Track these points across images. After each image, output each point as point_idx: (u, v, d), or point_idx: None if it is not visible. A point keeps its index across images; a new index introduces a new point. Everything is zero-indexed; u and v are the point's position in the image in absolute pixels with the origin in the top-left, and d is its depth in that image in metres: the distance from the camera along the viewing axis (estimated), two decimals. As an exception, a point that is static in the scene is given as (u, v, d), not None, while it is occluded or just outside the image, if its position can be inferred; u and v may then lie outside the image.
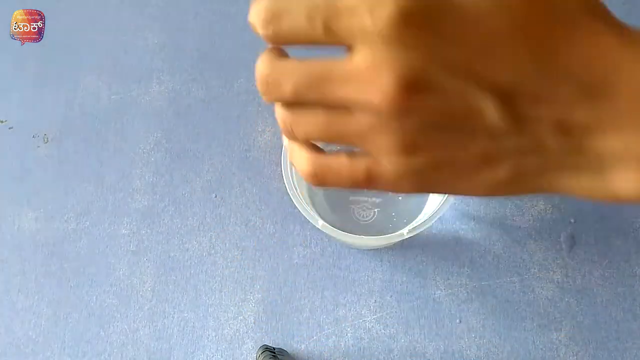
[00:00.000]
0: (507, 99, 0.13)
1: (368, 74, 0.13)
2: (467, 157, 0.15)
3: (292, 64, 0.15)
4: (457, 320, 0.63)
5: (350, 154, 0.16)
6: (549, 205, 0.67)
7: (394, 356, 0.63)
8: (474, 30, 0.13)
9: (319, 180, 0.16)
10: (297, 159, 0.17)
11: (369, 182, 0.16)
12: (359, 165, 0.16)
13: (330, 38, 0.14)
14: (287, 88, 0.15)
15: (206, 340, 0.65)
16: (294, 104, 0.15)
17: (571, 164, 0.15)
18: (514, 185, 0.16)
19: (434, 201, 0.60)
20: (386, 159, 0.15)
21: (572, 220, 0.66)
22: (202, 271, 0.67)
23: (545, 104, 0.13)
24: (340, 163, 0.16)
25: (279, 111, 0.16)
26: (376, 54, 0.13)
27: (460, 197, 0.68)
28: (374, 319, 0.64)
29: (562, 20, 0.13)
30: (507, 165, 0.15)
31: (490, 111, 0.14)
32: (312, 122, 0.15)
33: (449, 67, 0.13)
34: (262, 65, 0.15)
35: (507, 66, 0.13)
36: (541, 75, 0.13)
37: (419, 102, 0.13)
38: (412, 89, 0.13)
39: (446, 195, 0.54)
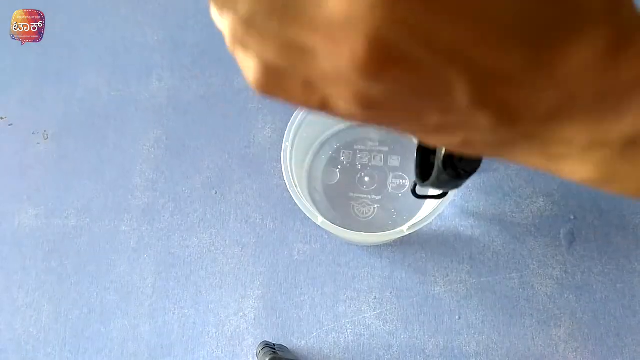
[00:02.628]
0: (482, 82, 0.13)
1: (341, 27, 0.12)
2: (422, 122, 0.15)
3: None
4: (457, 317, 0.63)
5: (307, 83, 0.14)
6: (549, 202, 0.67)
7: (393, 352, 0.63)
8: (474, 12, 0.11)
9: (267, 92, 0.15)
10: (245, 63, 0.15)
11: (321, 109, 0.15)
12: (315, 96, 0.14)
13: None
14: (243, 8, 0.13)
15: (207, 337, 0.65)
16: (247, 22, 0.13)
17: (525, 145, 0.15)
18: (464, 149, 0.16)
19: (434, 198, 0.60)
20: (342, 102, 0.14)
21: (572, 217, 0.66)
22: (202, 268, 0.68)
23: (516, 91, 0.13)
24: (295, 85, 0.14)
25: (228, 21, 0.14)
26: (353, 10, 0.11)
27: (459, 194, 0.68)
28: (373, 315, 0.64)
29: (574, 23, 0.12)
30: (460, 136, 0.15)
31: (462, 92, 0.13)
32: (267, 48, 0.13)
33: (432, 44, 0.12)
34: None
35: (497, 55, 0.12)
36: (528, 70, 0.13)
37: (389, 72, 0.12)
38: (386, 60, 0.12)
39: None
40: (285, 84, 0.15)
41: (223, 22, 0.14)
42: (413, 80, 0.13)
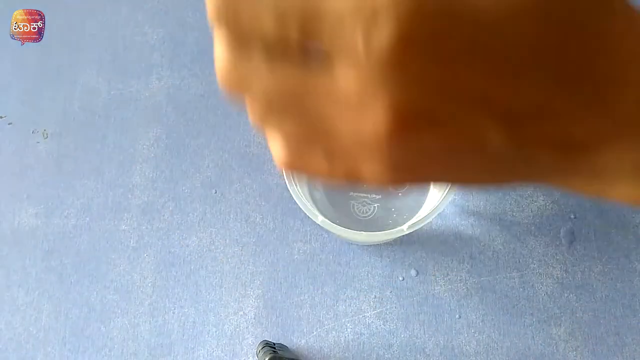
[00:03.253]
0: (515, 123, 0.12)
1: (356, 101, 0.11)
2: (458, 172, 0.14)
3: (260, 68, 0.12)
4: (457, 316, 0.63)
5: (331, 155, 0.13)
6: (549, 201, 0.67)
7: (393, 351, 0.63)
8: (489, 52, 0.10)
9: (292, 168, 0.14)
10: (272, 143, 0.14)
11: (349, 180, 0.14)
12: (340, 167, 0.13)
13: (300, 43, 0.11)
14: (257, 91, 0.12)
15: (206, 336, 0.65)
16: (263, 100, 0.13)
17: (562, 171, 0.14)
18: (501, 183, 0.15)
19: (434, 197, 0.60)
20: (370, 171, 0.13)
21: (572, 216, 0.66)
22: (202, 267, 0.68)
23: (551, 123, 0.12)
24: (319, 160, 0.14)
25: (247, 100, 0.13)
26: (367, 81, 0.11)
27: (460, 193, 0.68)
28: (373, 314, 0.64)
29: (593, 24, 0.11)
30: (498, 174, 0.14)
31: (495, 140, 0.12)
32: (286, 125, 0.13)
33: (455, 97, 0.11)
34: (223, 61, 0.13)
35: (527, 91, 0.11)
36: (562, 96, 0.11)
37: (415, 138, 0.12)
38: (410, 126, 0.11)
39: (446, 191, 0.54)
40: (309, 159, 0.14)
41: (244, 101, 0.13)
42: (443, 140, 0.12)
